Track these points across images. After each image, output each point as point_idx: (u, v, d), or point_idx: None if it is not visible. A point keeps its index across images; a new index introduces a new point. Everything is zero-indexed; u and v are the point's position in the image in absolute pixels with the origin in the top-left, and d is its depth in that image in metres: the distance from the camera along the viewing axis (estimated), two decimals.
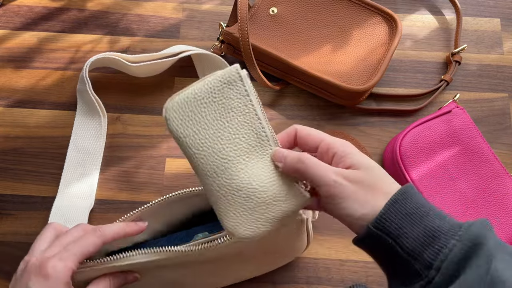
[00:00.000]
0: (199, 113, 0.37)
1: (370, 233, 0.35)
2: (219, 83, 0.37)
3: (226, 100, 0.37)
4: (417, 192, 0.36)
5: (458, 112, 0.61)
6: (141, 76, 0.64)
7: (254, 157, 0.38)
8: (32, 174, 0.60)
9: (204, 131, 0.37)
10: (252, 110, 0.38)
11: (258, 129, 0.38)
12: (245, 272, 0.52)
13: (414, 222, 0.34)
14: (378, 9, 0.64)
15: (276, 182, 0.38)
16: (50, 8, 0.69)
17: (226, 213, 0.37)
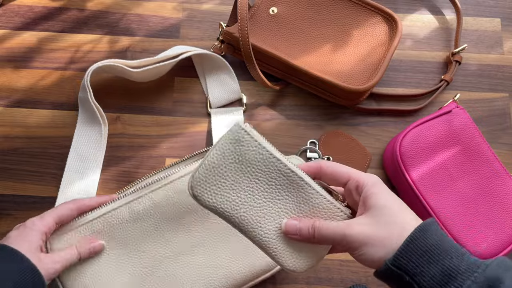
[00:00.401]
0: (223, 179, 0.38)
1: (388, 270, 0.35)
2: (230, 145, 0.38)
3: (242, 157, 0.38)
4: (436, 228, 0.36)
5: (458, 112, 0.61)
6: (143, 81, 0.64)
7: (289, 194, 0.39)
8: (32, 174, 0.60)
9: (234, 192, 0.39)
10: (269, 155, 0.39)
11: (281, 169, 0.39)
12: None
13: (432, 260, 0.34)
14: (378, 9, 0.64)
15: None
16: (50, 8, 0.69)
17: (282, 254, 0.39)
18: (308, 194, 0.39)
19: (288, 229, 0.39)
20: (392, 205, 0.38)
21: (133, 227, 0.51)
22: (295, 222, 0.39)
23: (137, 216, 0.52)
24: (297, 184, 0.39)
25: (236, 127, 0.38)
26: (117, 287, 0.50)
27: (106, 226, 0.51)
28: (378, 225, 0.36)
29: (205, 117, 0.64)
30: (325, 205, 0.39)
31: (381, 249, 0.36)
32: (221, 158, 0.38)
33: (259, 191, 0.39)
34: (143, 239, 0.52)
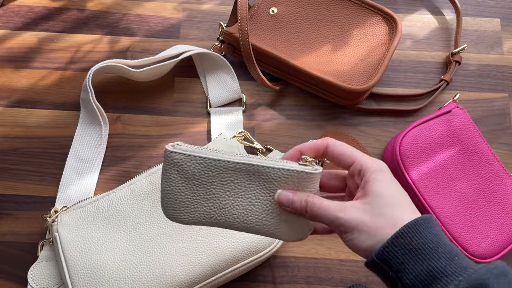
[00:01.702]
0: (185, 198, 0.39)
1: (373, 263, 0.35)
2: (170, 170, 0.39)
3: (187, 175, 0.39)
4: (431, 225, 0.35)
5: (458, 112, 0.61)
6: (144, 80, 0.64)
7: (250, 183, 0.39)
8: (32, 174, 0.60)
9: (200, 204, 0.39)
10: (207, 161, 0.39)
11: (226, 165, 0.39)
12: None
13: (418, 258, 0.33)
14: (378, 9, 0.64)
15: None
16: (50, 8, 0.69)
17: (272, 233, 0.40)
18: (266, 174, 0.39)
19: (282, 199, 0.38)
20: (393, 195, 0.36)
21: (132, 206, 0.54)
22: (289, 194, 0.38)
23: (137, 195, 0.55)
24: (250, 171, 0.39)
25: (166, 153, 0.39)
26: (110, 260, 0.52)
27: (110, 205, 0.55)
28: (373, 213, 0.35)
29: (205, 117, 0.64)
30: (286, 175, 0.38)
31: (371, 238, 0.35)
32: (171, 184, 0.39)
33: (221, 193, 0.39)
34: (140, 217, 0.54)
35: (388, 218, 0.35)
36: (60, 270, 0.53)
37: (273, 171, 0.38)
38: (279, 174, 0.38)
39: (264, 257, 0.54)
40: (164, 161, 0.39)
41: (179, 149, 0.39)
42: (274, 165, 0.38)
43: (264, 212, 0.39)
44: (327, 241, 0.59)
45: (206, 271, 0.52)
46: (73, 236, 0.53)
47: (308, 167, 0.38)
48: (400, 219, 0.35)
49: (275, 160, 0.39)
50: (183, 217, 0.40)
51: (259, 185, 0.39)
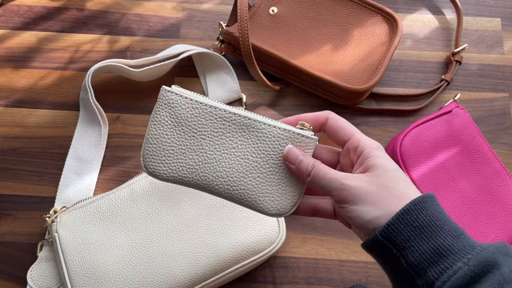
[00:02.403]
0: (170, 146, 0.38)
1: (376, 240, 0.34)
2: (162, 111, 0.37)
3: (179, 119, 0.37)
4: (435, 204, 0.34)
5: (458, 112, 0.61)
6: (144, 80, 0.64)
7: (242, 138, 0.38)
8: (32, 174, 0.60)
9: (185, 156, 0.38)
10: (204, 106, 0.37)
11: (222, 115, 0.37)
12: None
13: (424, 236, 0.33)
14: (379, 9, 0.64)
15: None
16: (49, 7, 0.69)
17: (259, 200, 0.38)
18: (261, 131, 0.37)
19: (289, 155, 0.37)
20: (396, 170, 0.36)
21: (132, 206, 0.54)
22: (298, 152, 0.37)
23: (137, 195, 0.55)
24: (245, 125, 0.37)
25: (162, 91, 0.37)
26: (110, 260, 0.52)
27: (110, 205, 0.54)
28: (379, 186, 0.34)
29: None
30: (282, 135, 0.37)
31: (376, 210, 0.34)
32: (159, 127, 0.37)
33: (209, 146, 0.37)
34: (140, 218, 0.54)
35: (394, 191, 0.34)
36: (59, 270, 0.52)
37: (268, 129, 0.37)
38: (275, 133, 0.37)
39: (264, 257, 0.54)
40: (158, 101, 0.37)
41: (176, 90, 0.37)
42: (271, 123, 0.37)
43: (250, 174, 0.38)
44: (327, 241, 0.58)
45: (206, 271, 0.52)
46: (72, 236, 0.53)
47: (306, 130, 0.37)
48: (405, 193, 0.34)
49: (272, 120, 0.38)
50: (161, 170, 0.38)
51: (250, 143, 0.37)
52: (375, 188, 0.34)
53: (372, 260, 0.58)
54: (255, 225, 0.54)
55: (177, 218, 0.54)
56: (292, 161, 0.37)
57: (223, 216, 0.54)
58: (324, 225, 0.59)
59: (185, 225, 0.53)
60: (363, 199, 0.34)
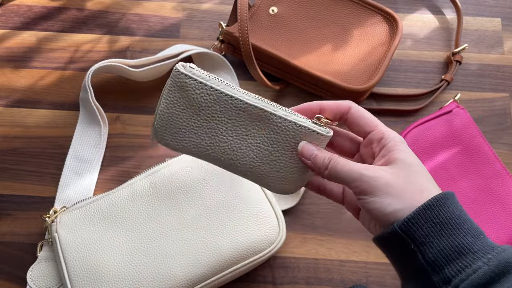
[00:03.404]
0: (181, 125, 0.37)
1: (394, 234, 0.33)
2: (175, 92, 0.36)
3: (192, 102, 0.36)
4: (456, 202, 0.34)
5: (458, 112, 0.61)
6: (144, 80, 0.64)
7: (256, 128, 0.37)
8: (31, 174, 0.60)
9: (196, 135, 0.37)
10: (219, 94, 0.36)
11: (237, 104, 0.37)
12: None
13: (444, 233, 0.32)
14: (379, 9, 0.64)
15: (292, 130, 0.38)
16: (49, 7, 0.69)
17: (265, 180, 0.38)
18: (276, 124, 0.37)
19: (304, 151, 0.36)
20: (419, 166, 0.35)
21: (132, 206, 0.54)
22: (313, 148, 0.36)
23: (137, 195, 0.54)
24: (261, 116, 0.36)
25: (175, 72, 0.36)
26: (110, 260, 0.51)
27: (110, 205, 0.54)
28: (401, 178, 0.34)
29: None
30: (297, 130, 0.36)
31: (397, 202, 0.33)
32: (171, 107, 0.36)
33: (222, 131, 0.37)
34: (140, 218, 0.54)
35: (416, 184, 0.34)
36: (59, 270, 0.52)
37: (284, 123, 0.36)
38: (289, 127, 0.36)
39: (264, 257, 0.53)
40: (170, 81, 0.36)
41: (191, 73, 0.36)
42: (287, 117, 0.36)
43: (260, 160, 0.37)
44: (328, 241, 0.58)
45: (206, 271, 0.52)
46: (72, 236, 0.53)
47: (321, 127, 0.37)
48: (426, 189, 0.34)
49: (288, 111, 0.37)
50: (172, 142, 0.37)
51: (264, 133, 0.37)
52: (397, 181, 0.34)
53: (372, 260, 0.58)
54: (255, 225, 0.54)
55: (177, 218, 0.54)
56: (308, 156, 0.36)
57: (223, 216, 0.54)
58: (324, 225, 0.59)
59: (185, 225, 0.53)
60: (384, 191, 0.33)
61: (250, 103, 0.36)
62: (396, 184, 0.34)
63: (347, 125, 0.39)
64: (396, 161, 0.35)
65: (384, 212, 0.34)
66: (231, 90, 0.37)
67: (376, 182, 0.34)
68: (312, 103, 0.39)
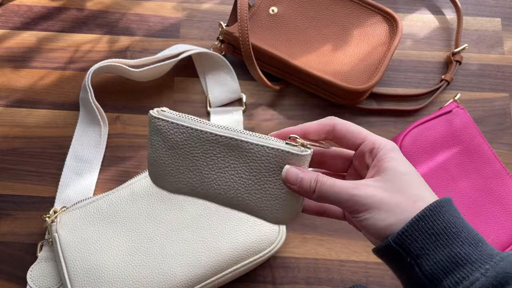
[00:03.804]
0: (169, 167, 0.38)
1: (389, 247, 0.33)
2: (154, 136, 0.38)
3: (170, 143, 0.37)
4: (453, 208, 0.33)
5: (458, 112, 0.61)
6: (144, 80, 0.64)
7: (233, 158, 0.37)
8: (31, 174, 0.60)
9: (184, 175, 0.38)
10: (190, 130, 0.37)
11: (208, 137, 0.37)
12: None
13: (440, 244, 0.31)
14: (379, 9, 0.64)
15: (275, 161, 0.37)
16: (49, 7, 0.69)
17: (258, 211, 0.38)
18: (249, 151, 0.36)
19: (288, 177, 0.35)
20: (410, 173, 0.34)
21: (132, 206, 0.54)
22: (297, 171, 0.35)
23: (137, 195, 0.54)
24: (233, 146, 0.36)
25: (150, 118, 0.38)
26: (110, 260, 0.51)
27: (110, 205, 0.54)
28: (392, 190, 0.33)
29: (205, 117, 0.64)
30: (271, 154, 0.36)
31: (390, 216, 0.32)
32: (155, 152, 0.38)
33: (204, 166, 0.37)
34: (140, 218, 0.54)
35: (408, 195, 0.33)
36: (59, 270, 0.52)
37: (256, 148, 0.36)
38: (263, 152, 0.36)
39: (264, 257, 0.53)
40: (149, 126, 0.38)
41: (162, 115, 0.37)
42: (258, 142, 0.36)
43: (246, 191, 0.37)
44: (327, 241, 0.58)
45: (206, 271, 0.52)
46: (72, 236, 0.53)
47: (295, 147, 0.36)
48: (420, 198, 0.33)
49: (262, 136, 0.36)
50: (167, 186, 0.39)
51: (242, 162, 0.37)
52: (388, 194, 0.33)
53: (372, 260, 0.58)
54: (255, 225, 0.54)
55: (177, 218, 0.54)
56: (293, 181, 0.35)
57: (223, 216, 0.54)
58: (324, 225, 0.59)
59: (185, 225, 0.53)
60: (376, 207, 0.33)
61: (219, 134, 0.36)
62: (388, 198, 0.33)
63: (335, 141, 0.38)
64: (386, 171, 0.34)
65: (378, 227, 0.33)
66: (201, 125, 0.37)
67: (367, 200, 0.33)
68: (295, 127, 0.38)
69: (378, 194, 0.33)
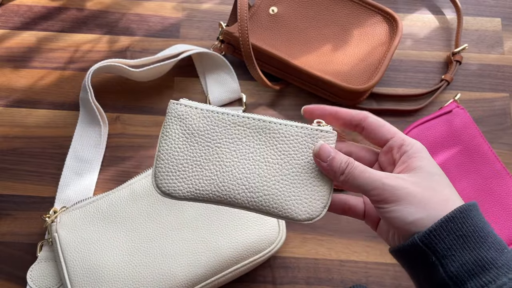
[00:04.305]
0: (184, 160, 0.36)
1: (415, 246, 0.32)
2: (173, 125, 0.36)
3: (191, 130, 0.37)
4: (479, 213, 0.33)
5: (458, 112, 0.61)
6: (144, 80, 0.64)
7: (259, 142, 0.36)
8: (31, 174, 0.60)
9: (201, 167, 0.36)
10: (216, 114, 0.37)
11: (235, 120, 0.36)
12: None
13: (467, 246, 0.31)
14: (379, 9, 0.64)
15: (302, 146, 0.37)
16: (49, 7, 0.69)
17: (286, 207, 0.36)
18: (277, 131, 0.36)
19: (321, 152, 0.35)
20: (441, 174, 0.34)
21: (132, 206, 0.54)
22: (330, 149, 0.35)
23: (137, 195, 0.54)
24: (261, 127, 0.36)
25: (171, 105, 0.37)
26: (110, 260, 0.52)
27: (110, 205, 0.54)
28: (424, 186, 0.33)
29: None
30: (300, 133, 0.36)
31: (420, 211, 0.32)
32: (171, 142, 0.36)
33: (226, 154, 0.36)
34: (140, 218, 0.54)
35: (440, 193, 0.33)
36: (59, 270, 0.52)
37: (285, 128, 0.36)
38: (292, 131, 0.36)
39: (264, 257, 0.53)
40: (167, 115, 0.37)
41: (186, 102, 0.37)
42: (287, 122, 0.36)
43: (273, 177, 0.36)
44: (328, 241, 0.58)
45: (206, 271, 0.52)
46: (72, 236, 0.53)
47: (324, 127, 0.36)
48: (450, 198, 0.33)
49: (287, 120, 0.37)
50: (178, 186, 0.36)
51: (269, 145, 0.36)
52: (420, 189, 0.33)
53: (372, 260, 0.58)
54: (255, 225, 0.54)
55: (177, 218, 0.54)
56: (324, 158, 0.35)
57: (223, 215, 0.54)
58: (324, 225, 0.59)
59: (185, 224, 0.53)
60: (407, 199, 0.32)
61: (247, 115, 0.36)
62: (419, 192, 0.33)
63: (363, 133, 0.38)
64: (418, 168, 0.34)
65: (405, 221, 0.32)
66: (225, 110, 0.37)
67: (399, 191, 0.33)
68: (328, 106, 0.38)
69: (410, 187, 0.33)
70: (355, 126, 0.38)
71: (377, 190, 0.33)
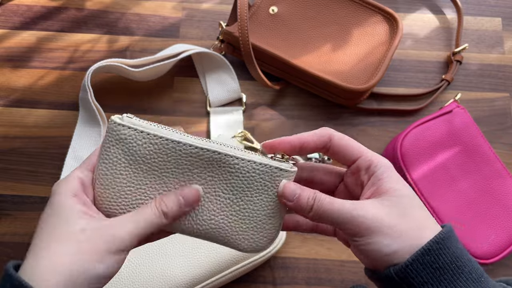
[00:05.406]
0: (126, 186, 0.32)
1: (389, 278, 0.31)
2: (113, 148, 0.32)
3: (135, 156, 0.32)
4: (456, 239, 0.32)
5: (459, 112, 0.61)
6: (144, 80, 0.64)
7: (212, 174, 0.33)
8: (31, 174, 0.60)
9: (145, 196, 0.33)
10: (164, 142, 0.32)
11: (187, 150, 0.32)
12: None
13: (443, 279, 0.30)
14: (379, 8, 0.64)
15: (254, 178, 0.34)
16: (49, 7, 0.69)
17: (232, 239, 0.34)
18: (233, 166, 0.33)
19: (286, 191, 0.33)
20: (414, 198, 0.33)
21: None
22: (295, 187, 0.33)
23: None
24: (215, 160, 0.32)
25: (111, 125, 0.32)
26: None
27: None
28: (397, 214, 0.31)
29: (204, 117, 0.64)
30: (258, 170, 0.33)
31: (396, 242, 0.31)
32: (112, 167, 0.32)
33: (174, 184, 0.33)
34: None
35: (414, 220, 0.32)
36: None
37: (242, 163, 0.33)
38: (249, 167, 0.33)
39: (264, 258, 0.53)
40: (107, 135, 0.32)
41: (129, 122, 0.32)
42: (245, 157, 0.33)
43: (222, 212, 0.33)
44: (328, 241, 0.58)
45: (205, 272, 0.52)
46: None
47: (284, 163, 0.34)
48: (424, 225, 0.32)
49: (245, 151, 0.33)
50: (120, 213, 0.32)
51: (222, 179, 0.33)
52: (394, 219, 0.31)
53: None
54: None
55: None
56: (291, 197, 0.33)
57: None
58: None
59: None
60: (381, 231, 0.31)
61: (201, 146, 0.32)
62: (393, 222, 0.31)
63: (329, 154, 0.36)
64: (388, 192, 0.32)
65: (381, 254, 0.31)
66: (178, 136, 0.32)
67: (371, 223, 0.31)
68: (292, 137, 0.36)
69: (383, 217, 0.31)
70: (322, 148, 0.36)
71: (348, 224, 0.31)
